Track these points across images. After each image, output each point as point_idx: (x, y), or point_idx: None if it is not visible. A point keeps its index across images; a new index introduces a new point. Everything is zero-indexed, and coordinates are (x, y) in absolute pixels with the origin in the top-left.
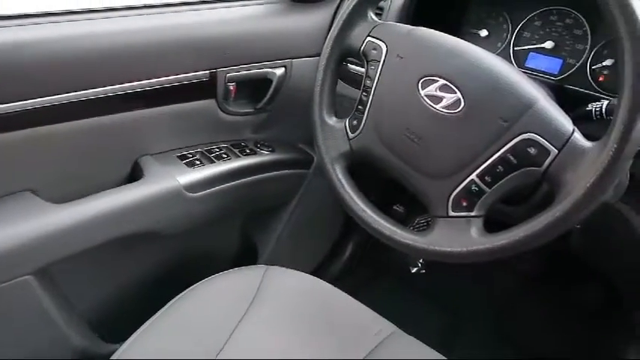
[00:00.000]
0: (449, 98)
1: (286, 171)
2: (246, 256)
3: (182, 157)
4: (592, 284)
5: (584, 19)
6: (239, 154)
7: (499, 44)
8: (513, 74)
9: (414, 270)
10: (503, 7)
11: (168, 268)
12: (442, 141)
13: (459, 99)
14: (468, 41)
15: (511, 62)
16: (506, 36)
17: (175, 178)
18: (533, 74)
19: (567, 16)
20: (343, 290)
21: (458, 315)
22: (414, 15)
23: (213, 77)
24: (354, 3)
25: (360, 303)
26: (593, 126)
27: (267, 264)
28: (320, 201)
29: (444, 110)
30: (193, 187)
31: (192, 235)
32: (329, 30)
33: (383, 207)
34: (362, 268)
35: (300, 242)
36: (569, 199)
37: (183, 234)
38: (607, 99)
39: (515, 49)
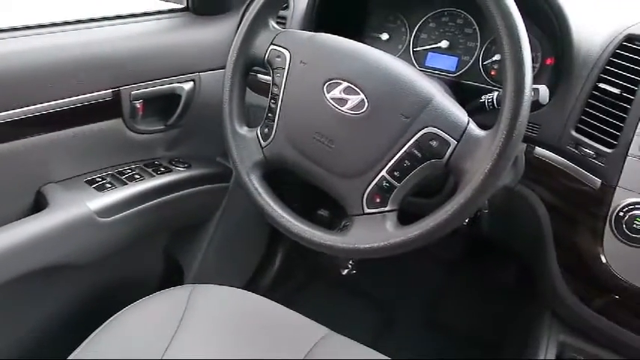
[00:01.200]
0: (353, 100)
1: (205, 186)
2: (173, 277)
3: (91, 182)
4: (506, 263)
5: (472, 19)
6: (153, 174)
7: (400, 46)
8: (411, 73)
9: (345, 272)
10: (400, 11)
11: (90, 298)
12: (351, 141)
13: (363, 100)
14: (370, 45)
15: (412, 63)
16: (405, 38)
17: (85, 204)
18: (433, 72)
19: (457, 16)
20: (276, 300)
21: (390, 309)
22: (317, 21)
23: (117, 96)
24: (254, 13)
25: (292, 311)
26: (488, 116)
27: (194, 283)
28: (243, 213)
29: (349, 112)
30: (105, 211)
31: (111, 262)
32: None
33: (308, 213)
34: (294, 276)
35: (227, 257)
36: (470, 186)
37: (101, 261)
38: (498, 90)
39: (415, 50)
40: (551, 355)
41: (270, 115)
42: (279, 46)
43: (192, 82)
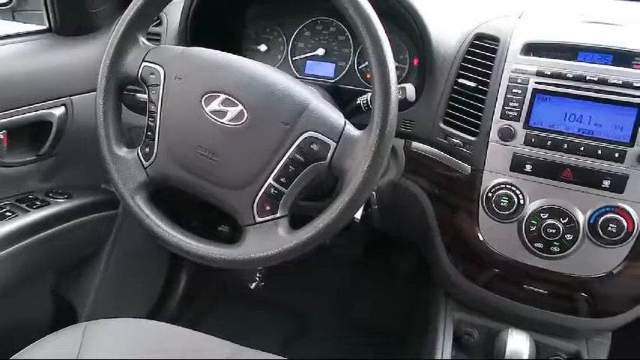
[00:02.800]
0: (232, 111)
1: (91, 216)
2: (65, 317)
3: None
4: (404, 254)
5: (343, 26)
6: (27, 209)
7: (279, 57)
8: (286, 81)
9: (253, 285)
10: (277, 22)
11: None
12: (235, 153)
13: (242, 110)
14: (249, 57)
15: (292, 72)
16: (283, 49)
17: None
18: (314, 80)
19: (330, 24)
20: (184, 324)
21: (303, 316)
22: (192, 36)
23: None
24: (121, 30)
25: (198, 333)
26: (366, 117)
27: (90, 320)
28: (138, 240)
29: (230, 123)
30: None
31: None
32: None
33: (209, 230)
34: (201, 297)
35: (126, 288)
36: (352, 184)
37: None
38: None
39: (294, 59)
40: (449, 333)
41: (149, 133)
42: (152, 63)
43: (63, 107)
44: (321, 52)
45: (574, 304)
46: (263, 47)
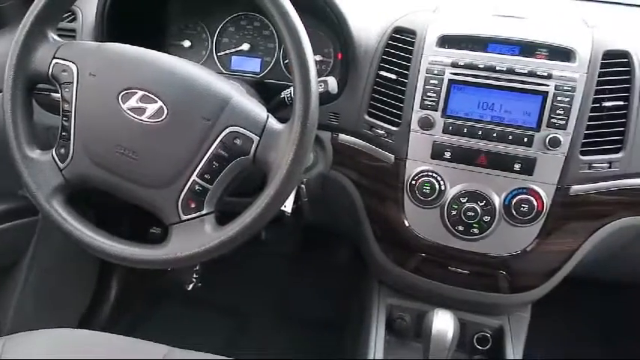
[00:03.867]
0: (151, 108)
1: (8, 224)
2: None
3: None
4: (339, 245)
5: (267, 21)
6: None
7: (203, 52)
8: (207, 76)
9: (190, 286)
10: (199, 17)
11: None
12: (156, 150)
13: (162, 107)
14: (173, 53)
15: (218, 67)
16: (208, 44)
17: None
18: (240, 75)
19: (254, 19)
20: (119, 331)
21: (243, 314)
22: (110, 32)
23: None
24: (27, 26)
25: (130, 338)
26: (291, 111)
27: (12, 333)
28: (62, 246)
29: (149, 120)
30: None
31: None
32: None
33: (141, 234)
34: (136, 303)
35: (51, 297)
36: (277, 177)
37: None
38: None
39: (219, 54)
40: (382, 319)
41: (64, 133)
42: (64, 60)
43: None
44: (246, 47)
45: (495, 281)
46: (187, 43)
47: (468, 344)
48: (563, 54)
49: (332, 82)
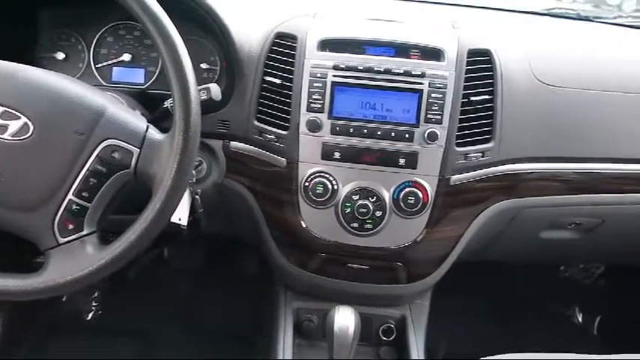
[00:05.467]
0: (14, 125)
1: None
2: None
3: None
4: (245, 254)
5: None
6: None
7: (80, 65)
8: (77, 88)
9: (90, 315)
10: (72, 28)
11: None
12: (23, 170)
13: (27, 123)
14: (45, 66)
15: (98, 80)
16: (84, 56)
17: None
18: (125, 87)
19: (134, 28)
20: None
21: (150, 335)
22: None
23: None
24: None
25: None
26: None
27: None
28: None
29: (12, 139)
30: None
31: None
32: None
33: (25, 265)
34: (27, 337)
35: None
36: (162, 190)
37: None
38: None
39: (97, 66)
40: (290, 323)
41: None
42: None
43: None
44: (127, 57)
45: (393, 273)
46: (60, 55)
47: (374, 337)
48: (434, 54)
49: (215, 89)
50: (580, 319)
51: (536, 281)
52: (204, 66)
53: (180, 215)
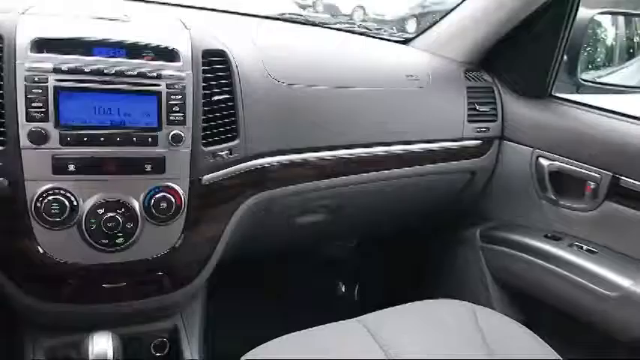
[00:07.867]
0: None
1: None
2: None
3: None
4: None
5: None
6: None
7: None
8: None
9: None
10: None
11: None
12: None
13: None
14: None
15: None
16: None
17: None
18: None
19: None
20: None
21: None
22: None
23: None
24: None
25: None
26: None
27: None
28: None
29: None
30: None
31: None
32: None
33: None
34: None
35: None
36: None
37: None
38: None
39: None
40: None
41: None
42: None
43: None
44: None
45: (156, 285)
46: None
47: (145, 355)
48: (168, 54)
49: None
50: (343, 290)
51: (303, 267)
52: None
53: None
